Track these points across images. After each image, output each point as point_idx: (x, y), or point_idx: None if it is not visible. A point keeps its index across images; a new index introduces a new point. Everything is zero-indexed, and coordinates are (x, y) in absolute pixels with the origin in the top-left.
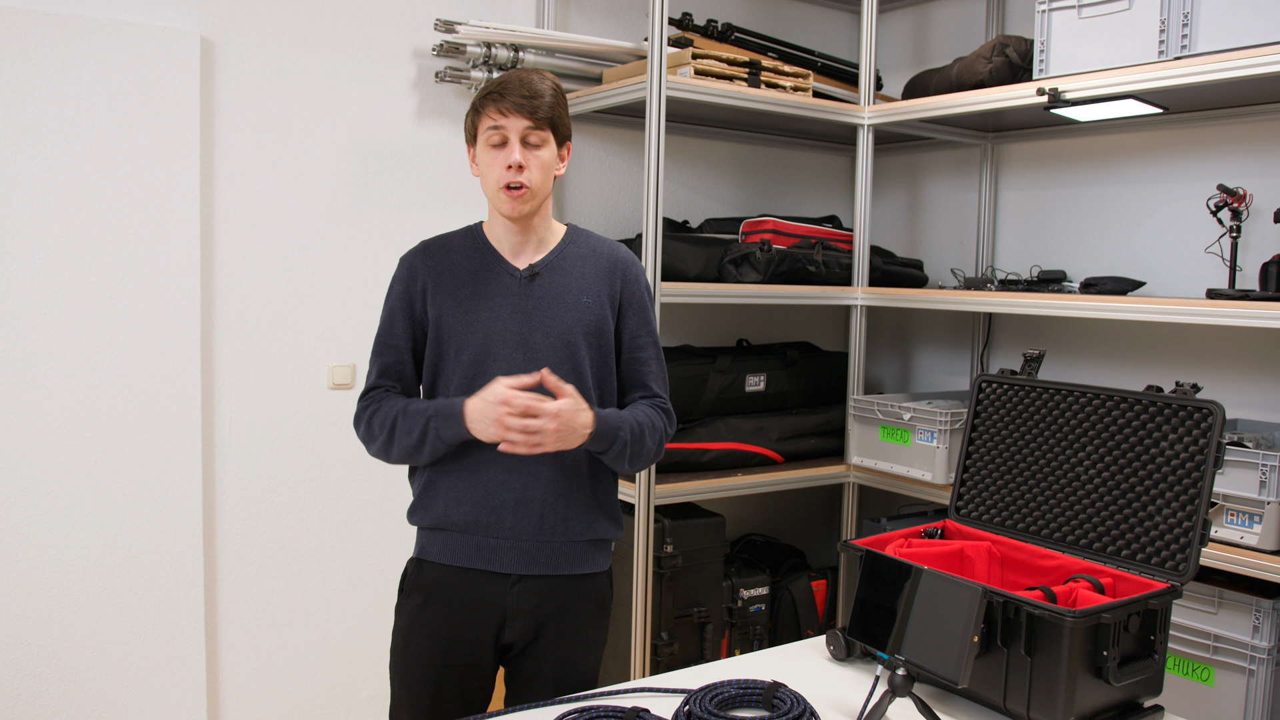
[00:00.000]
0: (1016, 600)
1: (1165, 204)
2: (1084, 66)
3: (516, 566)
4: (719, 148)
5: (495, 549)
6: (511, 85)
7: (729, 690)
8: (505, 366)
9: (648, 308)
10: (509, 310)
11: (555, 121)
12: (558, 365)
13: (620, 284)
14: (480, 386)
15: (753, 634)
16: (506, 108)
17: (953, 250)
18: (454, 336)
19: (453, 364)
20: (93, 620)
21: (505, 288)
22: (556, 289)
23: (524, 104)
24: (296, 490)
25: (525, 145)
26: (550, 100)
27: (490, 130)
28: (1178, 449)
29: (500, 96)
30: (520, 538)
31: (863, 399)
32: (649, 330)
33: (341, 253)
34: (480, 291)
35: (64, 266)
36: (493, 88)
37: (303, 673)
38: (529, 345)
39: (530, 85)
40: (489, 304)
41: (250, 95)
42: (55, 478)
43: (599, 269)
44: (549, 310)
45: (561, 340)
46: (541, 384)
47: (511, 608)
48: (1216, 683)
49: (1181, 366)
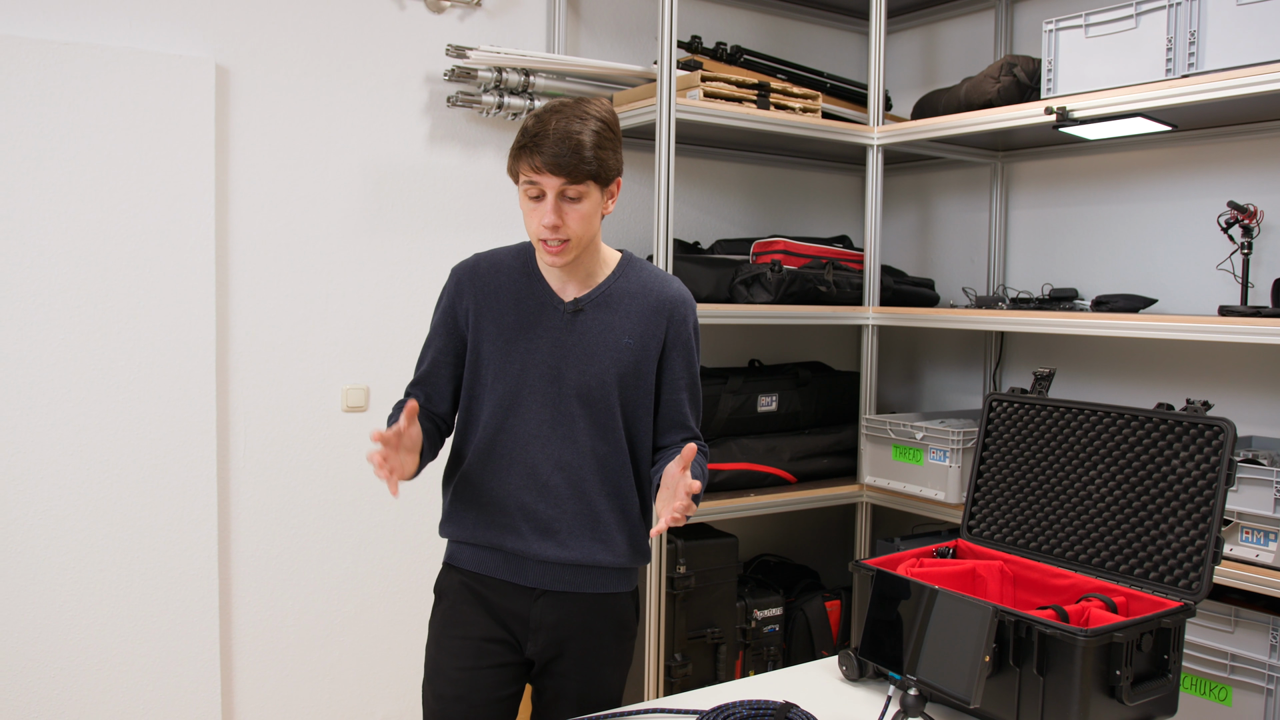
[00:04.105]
0: (1029, 619)
1: (1176, 221)
2: (1092, 85)
3: (540, 582)
4: (729, 169)
5: (521, 564)
6: (548, 139)
7: (741, 711)
8: (538, 399)
9: (692, 349)
10: (549, 344)
11: (598, 173)
12: (589, 403)
13: (666, 325)
14: (512, 416)
15: (767, 655)
16: (540, 165)
17: (964, 269)
18: (492, 364)
19: (489, 391)
20: (109, 640)
21: (548, 320)
22: (599, 326)
23: (561, 164)
24: (311, 513)
25: (564, 199)
26: (592, 153)
27: (527, 184)
28: (1189, 467)
29: (535, 149)
30: (545, 559)
31: (875, 418)
32: (690, 371)
33: (355, 277)
34: (523, 321)
35: (81, 291)
36: (528, 139)
37: (317, 695)
38: (561, 380)
39: (570, 138)
40: (530, 336)
41: (264, 121)
42: (72, 500)
43: (645, 308)
44: (588, 349)
45: (596, 379)
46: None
47: (535, 620)
48: (1234, 702)
49: (1193, 384)
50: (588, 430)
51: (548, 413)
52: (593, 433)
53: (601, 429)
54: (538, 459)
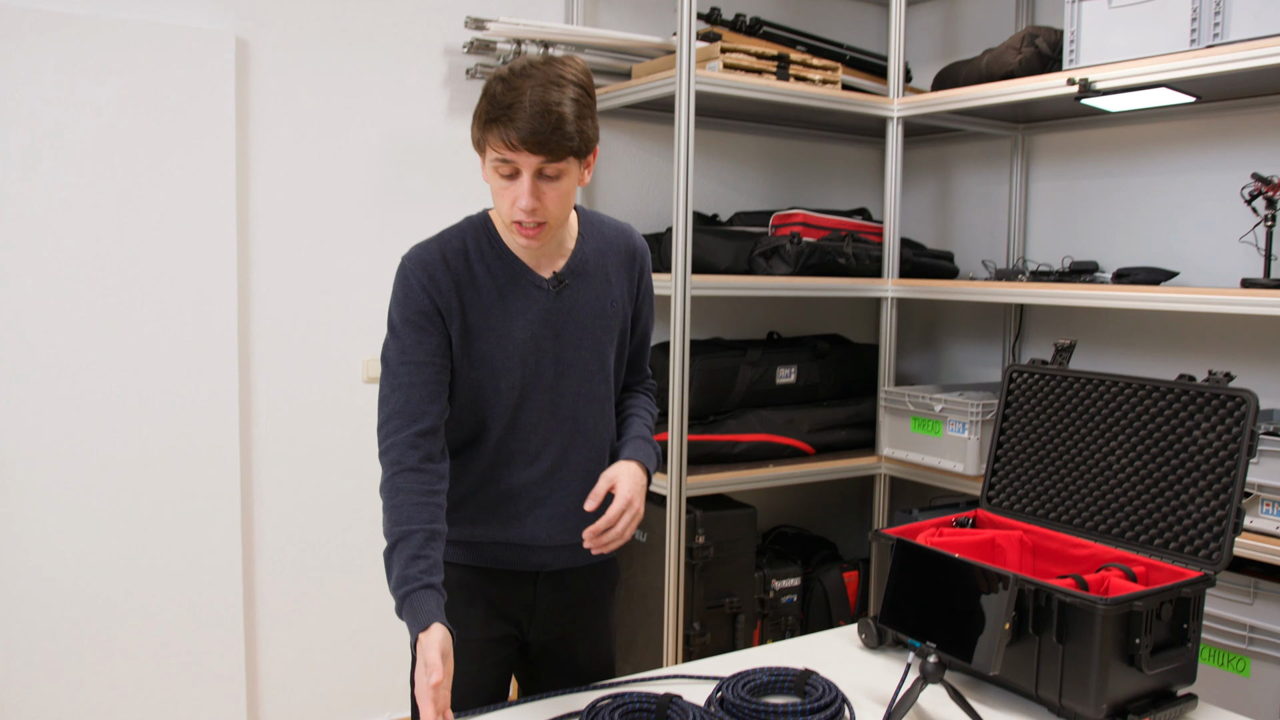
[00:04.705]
0: (1049, 588)
1: (1198, 194)
2: (1114, 56)
3: (543, 565)
4: (748, 141)
5: (523, 552)
6: (523, 111)
7: (761, 677)
8: (541, 388)
9: (653, 292)
10: (541, 327)
11: (579, 147)
12: (590, 377)
13: (639, 275)
14: (523, 411)
15: (784, 625)
16: (515, 141)
17: (983, 242)
18: (490, 364)
19: (494, 395)
20: (133, 609)
21: (534, 302)
22: (585, 296)
23: (540, 140)
24: (332, 483)
25: (540, 177)
26: (574, 127)
27: (498, 161)
28: (1210, 438)
29: (508, 123)
30: (551, 544)
31: (894, 390)
32: (652, 315)
33: (375, 248)
34: (511, 310)
35: (104, 265)
36: (499, 110)
37: (339, 663)
38: (561, 362)
39: (548, 111)
40: (522, 323)
41: (284, 93)
42: (95, 471)
43: (620, 263)
44: (580, 322)
45: (593, 352)
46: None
47: (540, 605)
48: (1252, 673)
49: (1215, 357)
50: (586, 407)
51: (549, 399)
52: (591, 409)
53: (599, 401)
54: (541, 448)
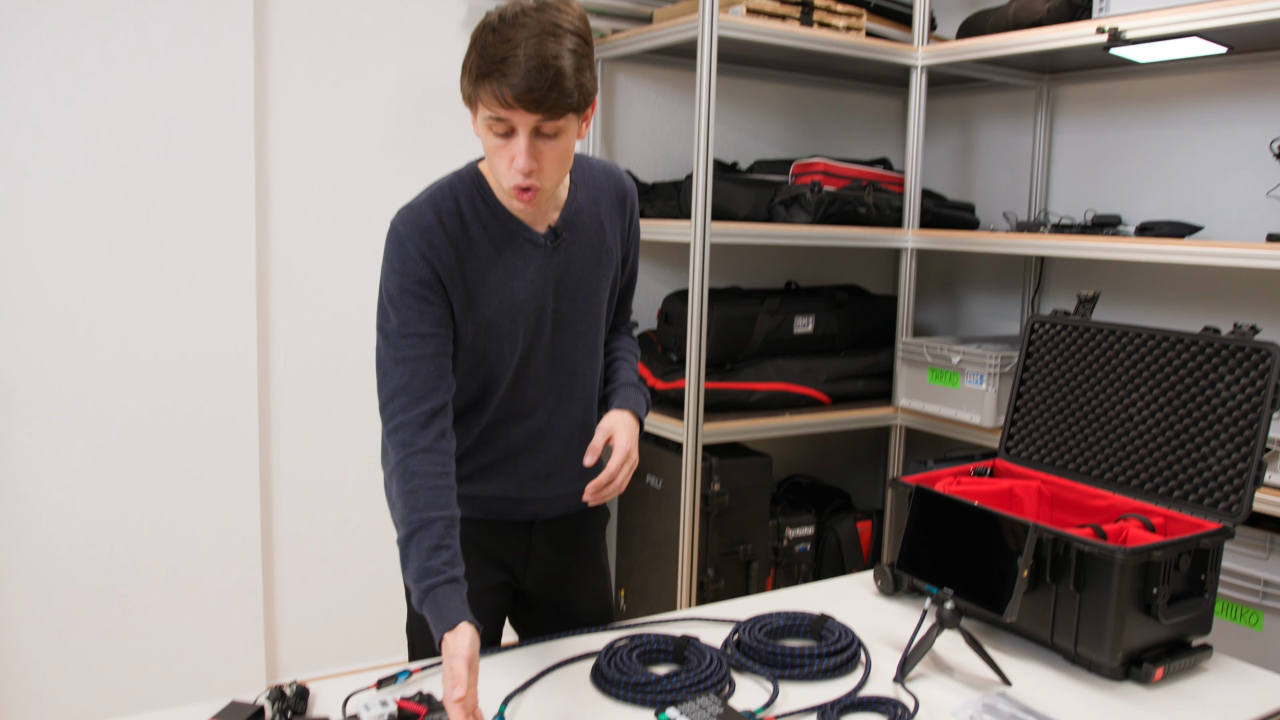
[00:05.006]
0: (1067, 537)
1: (1226, 147)
2: (1146, 5)
3: (538, 514)
4: (769, 89)
5: (518, 504)
6: (519, 66)
7: (777, 621)
8: (545, 342)
9: (639, 232)
10: (540, 285)
11: (579, 103)
12: (586, 329)
13: (629, 217)
14: (524, 371)
15: (797, 573)
16: (510, 99)
17: (1005, 194)
18: (494, 329)
19: (498, 359)
20: (154, 546)
21: (532, 260)
22: (581, 246)
23: (538, 98)
24: (349, 425)
25: (538, 135)
26: (572, 82)
27: (491, 119)
28: (1234, 390)
29: (502, 78)
30: (546, 496)
31: (912, 341)
32: (638, 256)
33: (394, 191)
34: (510, 270)
35: (121, 207)
36: (492, 65)
37: (356, 604)
38: (559, 316)
39: (546, 65)
40: (522, 283)
41: (302, 35)
42: (116, 410)
43: (612, 207)
44: (577, 275)
45: (590, 304)
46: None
47: (535, 553)
48: (1265, 627)
49: (1239, 312)
50: (583, 360)
51: (547, 354)
52: (586, 360)
53: (594, 352)
54: (539, 402)
